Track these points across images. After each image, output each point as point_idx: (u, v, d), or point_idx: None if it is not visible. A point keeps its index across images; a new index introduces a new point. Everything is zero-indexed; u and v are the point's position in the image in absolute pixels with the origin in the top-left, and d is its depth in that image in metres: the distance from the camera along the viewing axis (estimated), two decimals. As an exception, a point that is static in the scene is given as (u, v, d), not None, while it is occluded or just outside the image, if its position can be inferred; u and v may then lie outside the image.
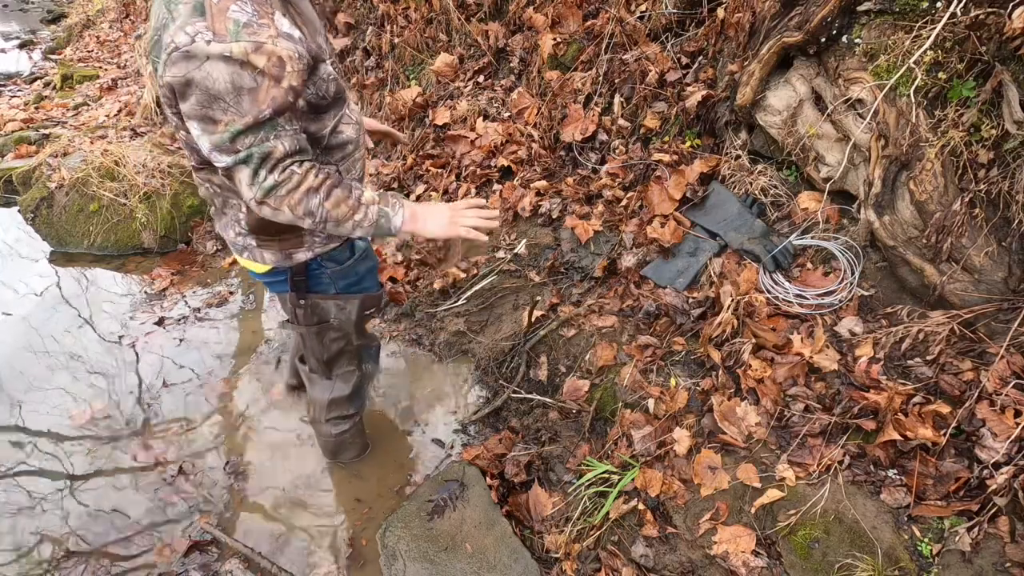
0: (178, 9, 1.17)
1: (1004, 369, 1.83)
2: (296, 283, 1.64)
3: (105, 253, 3.62)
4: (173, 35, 1.15)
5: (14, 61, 6.81)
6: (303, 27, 1.27)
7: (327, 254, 1.62)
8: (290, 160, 1.27)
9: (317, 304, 1.70)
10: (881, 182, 2.13)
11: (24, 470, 2.39)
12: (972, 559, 1.62)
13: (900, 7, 2.05)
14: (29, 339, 2.99)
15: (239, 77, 1.14)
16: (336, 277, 1.68)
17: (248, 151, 1.22)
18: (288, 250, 1.56)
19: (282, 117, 1.23)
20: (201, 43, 1.12)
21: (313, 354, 1.88)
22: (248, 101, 1.17)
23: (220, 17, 1.13)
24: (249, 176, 1.25)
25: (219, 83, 1.14)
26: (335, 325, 1.77)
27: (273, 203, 1.28)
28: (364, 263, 1.74)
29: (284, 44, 1.17)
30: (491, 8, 3.75)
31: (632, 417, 2.13)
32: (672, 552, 1.86)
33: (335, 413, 2.07)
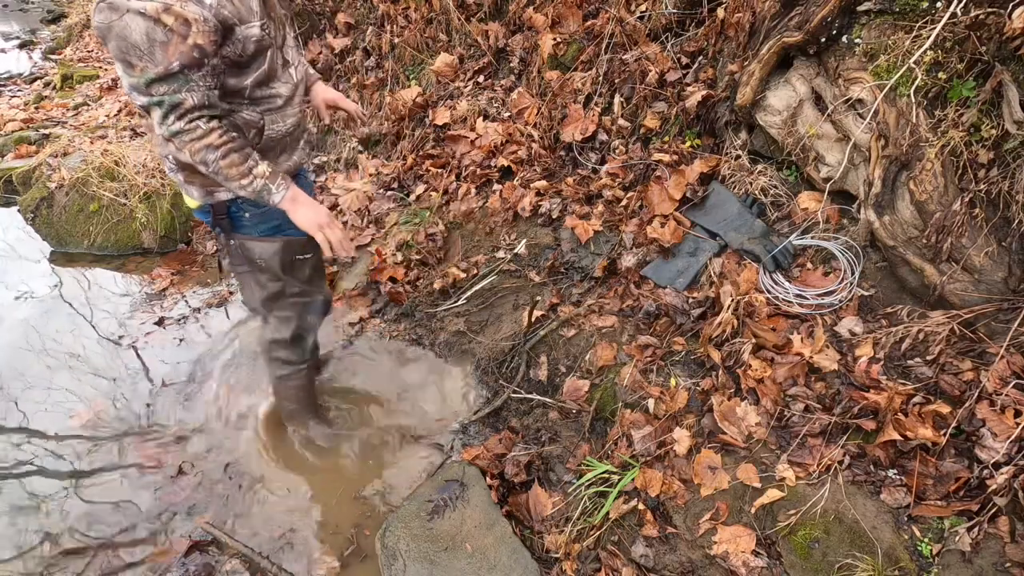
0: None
1: (1004, 369, 1.83)
2: (219, 222, 1.79)
3: (105, 253, 3.62)
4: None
5: (14, 61, 6.81)
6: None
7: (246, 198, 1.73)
8: (198, 113, 1.45)
9: (243, 244, 1.83)
10: (881, 182, 2.13)
11: (24, 470, 2.39)
12: (972, 559, 1.62)
13: (900, 7, 2.05)
14: (29, 339, 2.99)
15: (152, 31, 1.34)
16: (255, 220, 1.81)
17: (160, 97, 1.41)
18: (209, 187, 1.71)
19: (193, 72, 1.40)
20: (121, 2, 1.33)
21: (249, 295, 2.02)
22: (160, 52, 1.36)
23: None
24: (160, 118, 1.45)
25: (135, 34, 1.34)
26: (262, 267, 1.89)
27: (176, 144, 1.49)
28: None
29: (192, 8, 1.35)
30: (491, 8, 3.75)
31: (632, 417, 2.13)
32: (672, 552, 1.86)
33: (275, 354, 2.17)
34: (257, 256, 1.87)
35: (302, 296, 2.03)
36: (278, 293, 1.98)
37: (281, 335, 2.10)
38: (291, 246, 1.88)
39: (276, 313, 2.05)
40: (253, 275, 1.93)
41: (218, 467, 2.38)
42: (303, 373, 2.26)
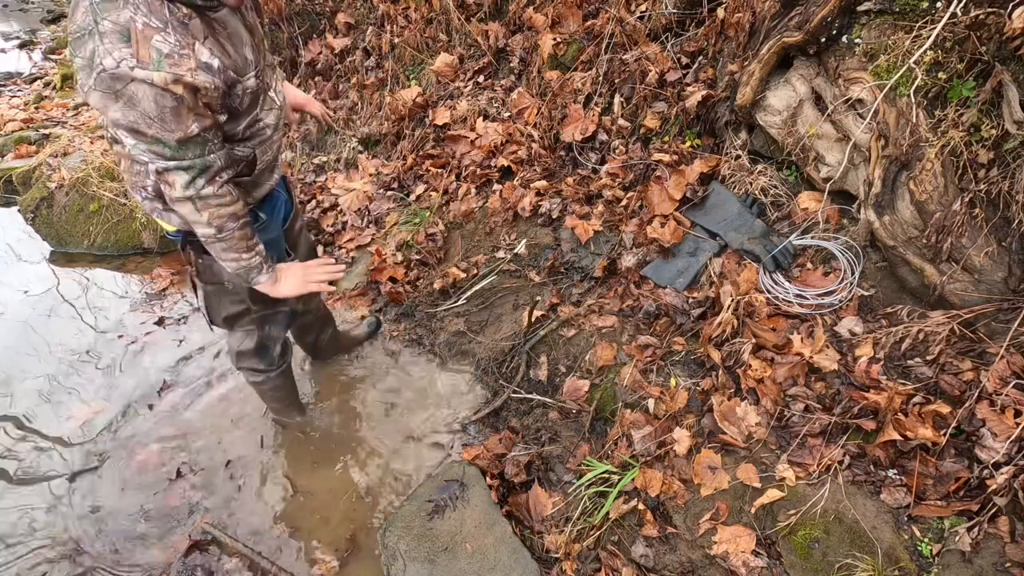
0: (104, 25, 1.23)
1: (1004, 369, 1.83)
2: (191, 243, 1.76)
3: (105, 253, 3.62)
4: (101, 58, 1.23)
5: (14, 61, 6.81)
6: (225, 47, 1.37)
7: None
8: (225, 176, 1.46)
9: (211, 265, 1.81)
10: (881, 182, 2.13)
11: (24, 470, 2.39)
12: (972, 559, 1.62)
13: (900, 7, 2.05)
14: (29, 339, 2.99)
15: (162, 98, 1.26)
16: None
17: (190, 162, 1.38)
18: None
19: (210, 132, 1.37)
20: (125, 68, 1.22)
21: (213, 311, 2.00)
22: (172, 119, 1.30)
23: (144, 45, 1.22)
24: (186, 182, 1.41)
25: (144, 102, 1.26)
26: (229, 289, 1.90)
27: (199, 206, 1.46)
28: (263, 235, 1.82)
29: (202, 76, 1.29)
30: (491, 8, 3.75)
31: (632, 417, 2.13)
32: (672, 552, 1.86)
33: (244, 364, 2.20)
34: (226, 279, 1.87)
35: (265, 310, 2.02)
36: (242, 312, 1.99)
37: (245, 347, 2.13)
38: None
39: (237, 328, 2.07)
40: (222, 293, 1.94)
41: (218, 467, 2.38)
42: (276, 377, 2.28)
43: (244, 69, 1.43)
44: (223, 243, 1.55)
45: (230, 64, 1.38)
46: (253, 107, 1.53)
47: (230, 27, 1.40)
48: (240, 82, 1.42)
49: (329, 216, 3.59)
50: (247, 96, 1.47)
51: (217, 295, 1.94)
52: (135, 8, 1.23)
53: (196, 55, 1.28)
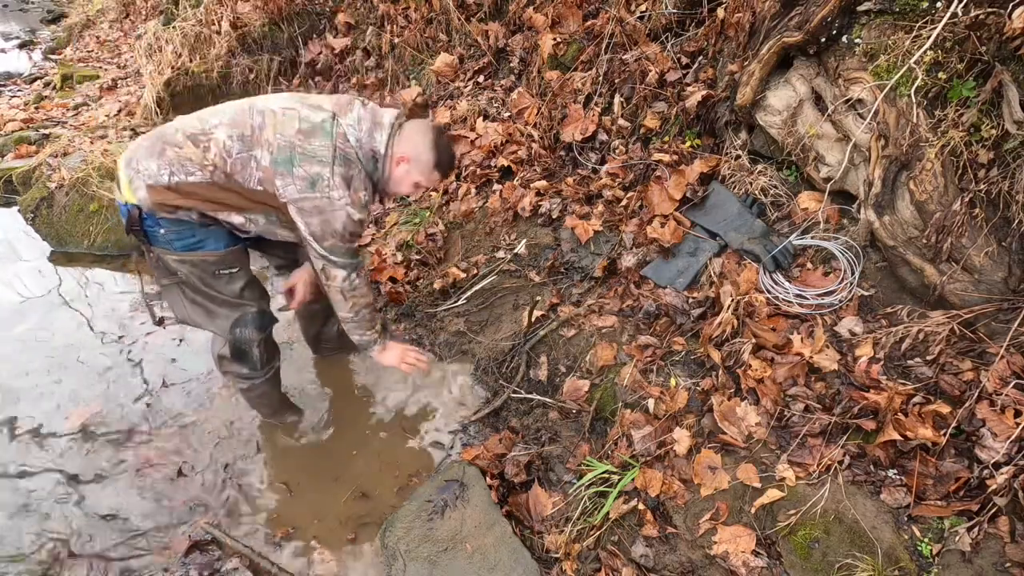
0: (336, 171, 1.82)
1: (1004, 369, 1.83)
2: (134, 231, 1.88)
3: (105, 253, 3.62)
4: (328, 187, 1.81)
5: (14, 61, 6.81)
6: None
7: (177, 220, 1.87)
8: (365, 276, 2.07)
9: (160, 257, 1.93)
10: (881, 182, 2.13)
11: (24, 470, 2.39)
12: (972, 559, 1.62)
13: (900, 7, 2.05)
14: (29, 339, 2.99)
15: (352, 225, 1.88)
16: (171, 236, 1.89)
17: (349, 261, 1.97)
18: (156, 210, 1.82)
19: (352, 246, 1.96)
20: (341, 203, 1.83)
21: (178, 309, 2.09)
22: (350, 236, 1.91)
23: (356, 195, 1.86)
24: (345, 276, 1.98)
25: (338, 223, 1.86)
26: (185, 280, 1.98)
27: (352, 294, 2.02)
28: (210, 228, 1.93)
29: (367, 215, 1.95)
30: (491, 8, 3.75)
31: (632, 417, 2.13)
32: (672, 552, 1.86)
33: (227, 369, 2.25)
34: (174, 268, 1.94)
35: (229, 308, 2.06)
36: (202, 304, 2.04)
37: (223, 351, 2.16)
38: (208, 261, 1.96)
39: (206, 327, 2.11)
40: (178, 288, 2.01)
41: (218, 467, 2.38)
42: (261, 384, 2.30)
43: None
44: (355, 323, 2.09)
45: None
46: None
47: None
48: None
49: (329, 216, 3.59)
50: None
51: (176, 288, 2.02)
52: (356, 171, 1.86)
53: (371, 205, 1.96)
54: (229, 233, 1.99)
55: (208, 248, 1.95)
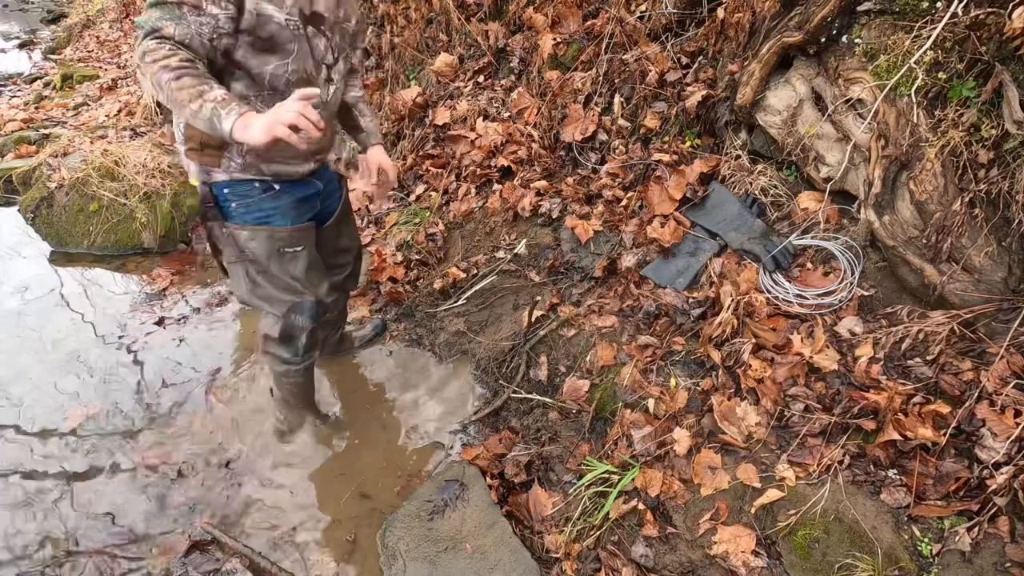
0: None
1: (1004, 369, 1.83)
2: (208, 209, 1.86)
3: (105, 253, 3.62)
4: None
5: (14, 61, 6.80)
6: None
7: (235, 186, 1.81)
8: (172, 43, 1.45)
9: (232, 233, 1.89)
10: (881, 182, 2.13)
11: (23, 470, 2.39)
12: (972, 559, 1.62)
13: (900, 7, 2.05)
14: (29, 339, 2.99)
15: None
16: (241, 209, 1.85)
17: (148, 20, 1.45)
18: (207, 165, 1.78)
19: (189, 11, 1.45)
20: None
21: (237, 287, 2.05)
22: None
23: None
24: (138, 41, 1.47)
25: None
26: (250, 257, 1.93)
27: (142, 68, 1.47)
28: (274, 201, 1.88)
29: None
30: (491, 8, 3.75)
31: (632, 417, 2.13)
32: (672, 552, 1.86)
33: (268, 348, 2.19)
34: (243, 245, 1.90)
35: (290, 293, 2.03)
36: (264, 286, 2.00)
37: (271, 332, 2.12)
38: (276, 237, 1.91)
39: (264, 308, 2.08)
40: (243, 265, 1.96)
41: (218, 467, 2.38)
42: (299, 372, 2.26)
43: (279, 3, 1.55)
44: (172, 102, 1.45)
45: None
46: (280, 54, 1.62)
47: None
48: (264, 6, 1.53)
49: (329, 216, 3.59)
50: (269, 27, 1.56)
51: (241, 267, 1.96)
52: None
53: None
54: (296, 207, 1.92)
55: (275, 223, 1.90)
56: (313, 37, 1.67)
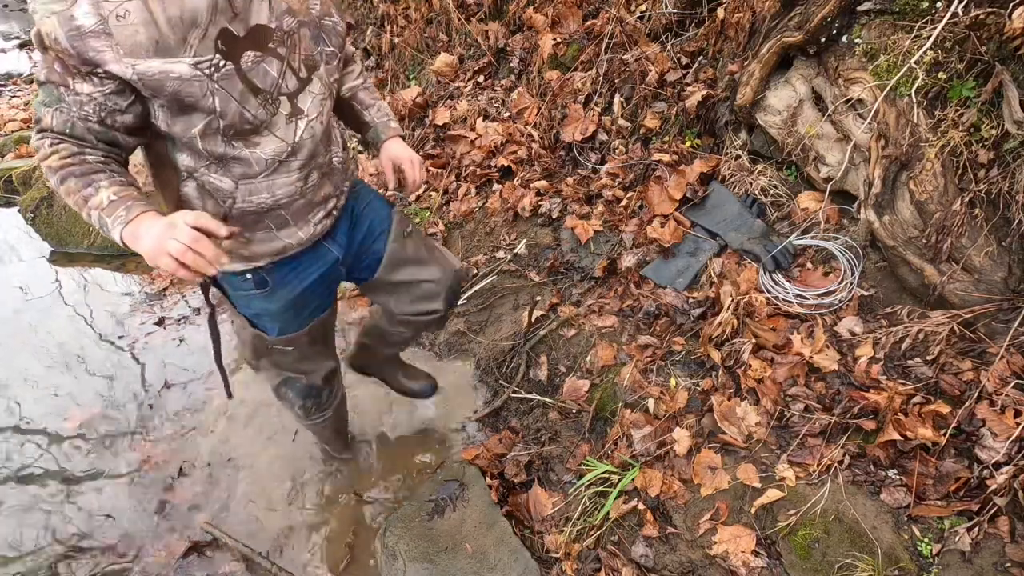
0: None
1: (1004, 369, 1.83)
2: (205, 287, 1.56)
3: (105, 253, 3.62)
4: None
5: (14, 61, 6.80)
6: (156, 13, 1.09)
7: (226, 278, 1.50)
8: (52, 136, 1.18)
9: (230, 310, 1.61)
10: (881, 182, 2.13)
11: (23, 470, 2.39)
12: (972, 559, 1.62)
13: (900, 7, 2.05)
14: (29, 339, 2.99)
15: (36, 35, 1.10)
16: (237, 300, 1.56)
17: (36, 107, 1.19)
18: None
19: (64, 91, 1.13)
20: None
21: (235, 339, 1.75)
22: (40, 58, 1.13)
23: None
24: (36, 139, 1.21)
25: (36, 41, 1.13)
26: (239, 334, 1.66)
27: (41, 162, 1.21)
28: (266, 301, 1.53)
29: (47, 23, 1.07)
30: (491, 8, 3.75)
31: (632, 417, 2.13)
32: (672, 552, 1.86)
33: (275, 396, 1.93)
34: (236, 329, 1.66)
35: (276, 371, 1.76)
36: (253, 353, 1.71)
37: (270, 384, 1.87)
38: (265, 340, 1.61)
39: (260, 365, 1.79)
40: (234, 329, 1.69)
41: (219, 467, 2.38)
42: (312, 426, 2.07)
43: (169, 49, 1.10)
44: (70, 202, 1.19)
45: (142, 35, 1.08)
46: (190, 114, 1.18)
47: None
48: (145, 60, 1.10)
49: (329, 216, 3.59)
50: (172, 84, 1.13)
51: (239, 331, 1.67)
52: None
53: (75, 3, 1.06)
54: (294, 306, 1.57)
55: (265, 328, 1.59)
56: (253, 66, 1.20)
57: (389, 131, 1.66)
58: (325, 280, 1.60)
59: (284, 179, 1.34)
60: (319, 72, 1.33)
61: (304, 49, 1.29)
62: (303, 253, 1.50)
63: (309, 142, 1.35)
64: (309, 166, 1.38)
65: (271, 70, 1.23)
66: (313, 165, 1.39)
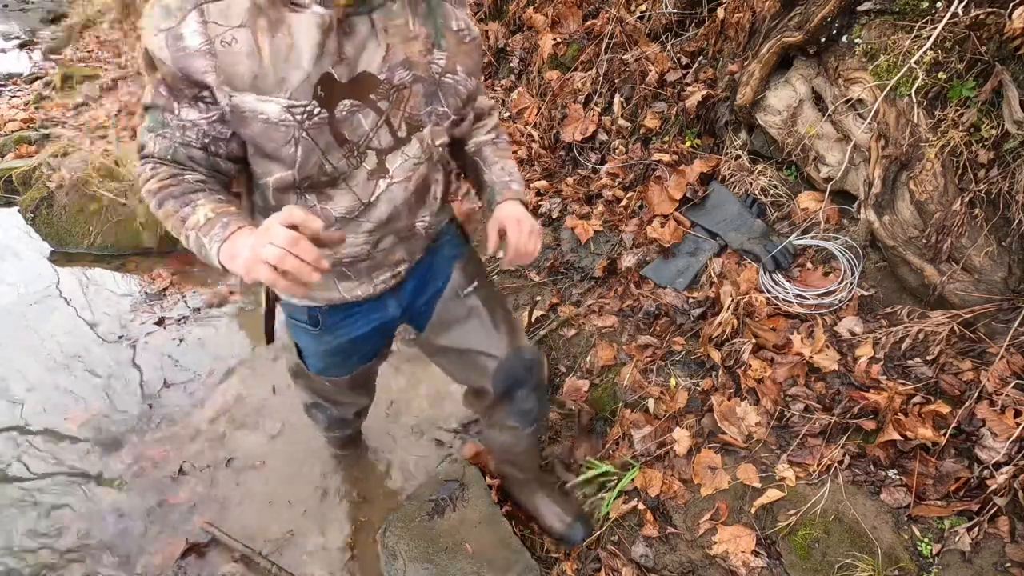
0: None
1: (1004, 369, 1.83)
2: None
3: (105, 253, 3.62)
4: None
5: (14, 61, 6.80)
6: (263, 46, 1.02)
7: (284, 304, 1.44)
8: (154, 161, 1.13)
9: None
10: (881, 182, 2.13)
11: (23, 470, 2.39)
12: (972, 559, 1.62)
13: (900, 7, 2.05)
14: (29, 339, 2.99)
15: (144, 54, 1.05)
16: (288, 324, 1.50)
17: (141, 133, 1.13)
18: None
19: (168, 115, 1.08)
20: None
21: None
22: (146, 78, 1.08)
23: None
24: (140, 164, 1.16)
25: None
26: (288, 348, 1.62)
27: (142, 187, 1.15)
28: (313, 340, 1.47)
29: (153, 41, 1.01)
30: (491, 8, 3.75)
31: (632, 417, 2.13)
32: (672, 552, 1.86)
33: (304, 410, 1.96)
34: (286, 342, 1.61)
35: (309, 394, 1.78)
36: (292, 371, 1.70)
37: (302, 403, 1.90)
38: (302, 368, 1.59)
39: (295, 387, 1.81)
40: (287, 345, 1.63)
41: (219, 466, 2.38)
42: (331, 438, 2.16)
43: (265, 86, 1.03)
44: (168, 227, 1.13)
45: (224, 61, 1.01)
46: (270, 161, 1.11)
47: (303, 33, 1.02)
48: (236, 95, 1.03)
49: (329, 216, 3.59)
50: (258, 125, 1.06)
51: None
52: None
53: (181, 22, 1.00)
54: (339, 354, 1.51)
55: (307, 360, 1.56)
56: (348, 116, 1.09)
57: (506, 192, 1.40)
58: (379, 331, 1.49)
59: (351, 239, 1.23)
60: (422, 134, 1.19)
61: (411, 107, 1.15)
62: (363, 302, 1.40)
63: (386, 206, 1.21)
64: (383, 230, 1.25)
65: (365, 122, 1.11)
66: (388, 230, 1.26)
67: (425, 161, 1.23)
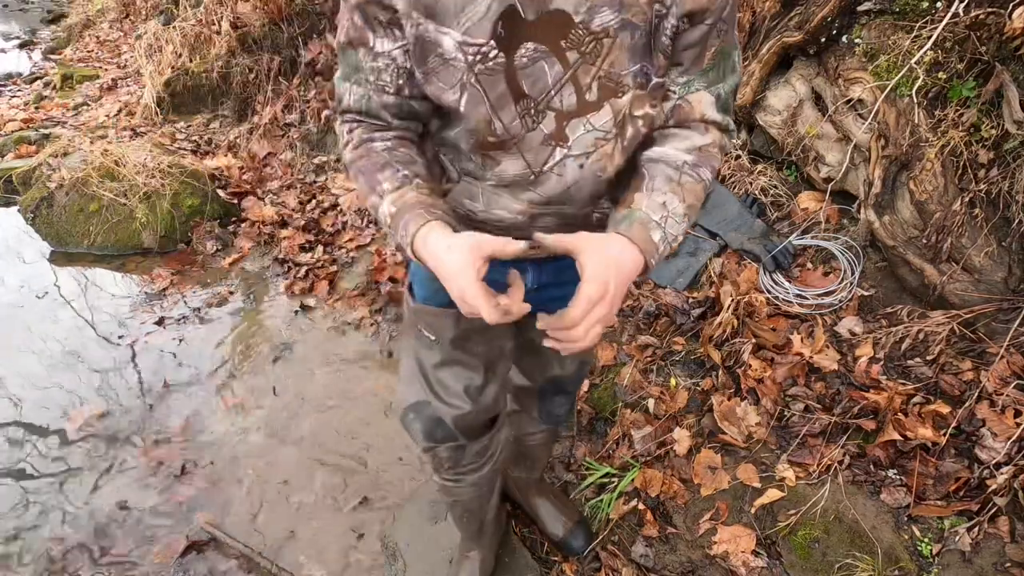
0: None
1: (1004, 369, 1.84)
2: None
3: (105, 253, 3.62)
4: None
5: (14, 61, 6.80)
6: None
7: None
8: (351, 119, 1.00)
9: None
10: (881, 182, 2.13)
11: (24, 470, 2.39)
12: (972, 559, 1.62)
13: (900, 7, 2.06)
14: (28, 339, 2.99)
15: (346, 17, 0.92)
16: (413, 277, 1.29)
17: (337, 82, 1.00)
18: None
19: (365, 52, 0.92)
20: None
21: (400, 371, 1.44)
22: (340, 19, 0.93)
23: None
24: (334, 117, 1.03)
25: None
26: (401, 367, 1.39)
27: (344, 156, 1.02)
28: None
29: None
30: (491, 8, 3.74)
31: (632, 417, 2.13)
32: (672, 552, 1.86)
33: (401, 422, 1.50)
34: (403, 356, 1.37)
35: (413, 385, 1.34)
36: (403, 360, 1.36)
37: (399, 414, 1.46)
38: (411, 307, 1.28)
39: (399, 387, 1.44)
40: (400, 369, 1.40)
41: (219, 466, 2.38)
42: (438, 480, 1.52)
43: (443, 16, 0.84)
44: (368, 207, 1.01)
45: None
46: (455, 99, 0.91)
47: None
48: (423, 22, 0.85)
49: (329, 216, 3.59)
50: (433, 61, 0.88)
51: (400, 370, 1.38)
52: None
53: None
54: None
55: (414, 289, 1.27)
56: (528, 63, 0.86)
57: (634, 228, 0.91)
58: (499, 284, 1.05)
59: (508, 202, 1.01)
60: (619, 101, 0.91)
61: (610, 63, 0.87)
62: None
63: (556, 183, 0.97)
64: (547, 210, 1.02)
65: (548, 73, 0.87)
66: (553, 211, 1.02)
67: (614, 138, 0.95)
